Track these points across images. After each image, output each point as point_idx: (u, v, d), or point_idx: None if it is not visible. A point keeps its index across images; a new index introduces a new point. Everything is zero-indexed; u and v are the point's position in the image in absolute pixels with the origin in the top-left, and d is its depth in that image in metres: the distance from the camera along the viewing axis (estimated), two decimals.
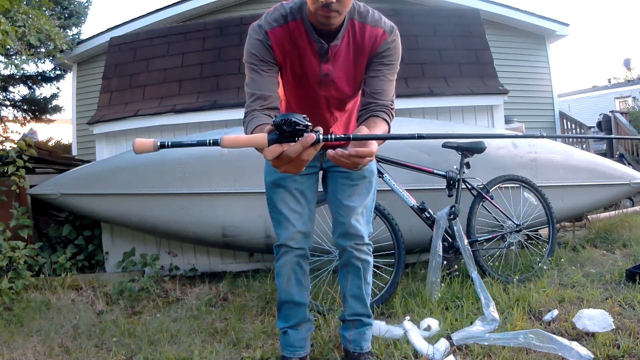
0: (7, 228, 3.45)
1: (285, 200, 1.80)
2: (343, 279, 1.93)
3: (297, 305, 1.86)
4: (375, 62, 1.58)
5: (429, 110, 3.97)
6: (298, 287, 1.85)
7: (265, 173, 1.85)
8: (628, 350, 1.82)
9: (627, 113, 10.16)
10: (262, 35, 1.52)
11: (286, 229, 1.79)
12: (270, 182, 1.82)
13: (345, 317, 1.92)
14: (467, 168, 2.96)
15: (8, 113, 8.99)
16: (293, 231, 1.79)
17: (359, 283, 1.89)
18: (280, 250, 1.82)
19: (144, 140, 1.09)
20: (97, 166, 3.59)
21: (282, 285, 1.84)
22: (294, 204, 1.80)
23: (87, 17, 9.91)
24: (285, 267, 1.82)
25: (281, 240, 1.81)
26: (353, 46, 1.58)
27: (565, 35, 7.79)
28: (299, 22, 1.53)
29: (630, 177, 3.72)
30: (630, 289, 2.51)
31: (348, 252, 1.85)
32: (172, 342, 2.30)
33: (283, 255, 1.82)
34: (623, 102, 16.44)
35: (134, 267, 3.59)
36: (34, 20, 5.06)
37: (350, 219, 1.82)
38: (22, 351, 2.27)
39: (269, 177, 1.82)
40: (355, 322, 1.90)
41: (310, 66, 1.59)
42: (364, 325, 1.91)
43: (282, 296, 1.86)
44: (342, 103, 1.71)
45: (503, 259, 3.14)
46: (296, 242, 1.80)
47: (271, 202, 1.83)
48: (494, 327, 2.12)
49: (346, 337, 1.91)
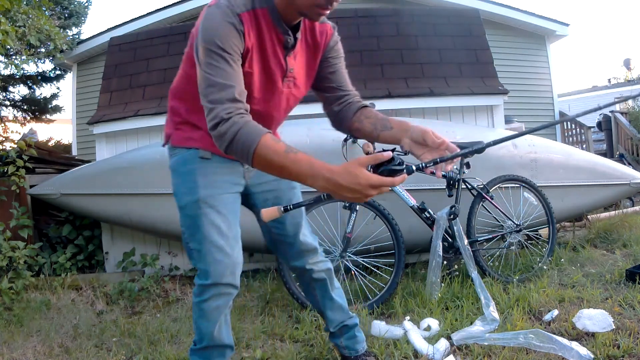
0: (7, 228, 3.45)
1: (215, 223, 1.45)
2: (312, 296, 1.83)
3: (226, 347, 1.60)
4: (330, 57, 1.56)
5: (429, 110, 3.97)
6: (227, 331, 1.60)
7: (183, 191, 1.48)
8: (628, 350, 1.82)
9: (627, 113, 10.15)
10: (235, 18, 1.28)
11: (218, 262, 1.44)
12: (192, 202, 1.45)
13: (330, 329, 1.84)
14: (467, 168, 2.96)
15: (8, 113, 9.00)
16: (228, 263, 1.46)
17: (329, 294, 1.80)
18: (211, 291, 1.46)
19: (270, 210, 1.23)
20: (97, 166, 3.59)
21: (213, 332, 1.53)
22: (226, 227, 1.47)
23: (87, 17, 9.92)
24: (217, 312, 1.50)
25: (213, 279, 1.45)
26: (308, 42, 1.50)
27: (565, 35, 7.79)
28: (265, 10, 1.36)
29: (630, 177, 3.72)
30: (630, 289, 2.51)
31: (308, 270, 1.73)
32: (172, 342, 2.31)
33: (215, 298, 1.48)
34: (623, 102, 16.42)
35: (134, 267, 3.59)
36: (34, 20, 5.06)
37: (298, 237, 1.67)
38: (22, 351, 2.27)
39: (190, 195, 1.46)
40: (342, 329, 1.83)
41: (276, 59, 1.42)
42: (350, 328, 1.84)
43: (209, 342, 1.55)
44: (294, 103, 1.57)
45: (503, 259, 3.14)
46: (233, 278, 1.48)
47: (194, 226, 1.46)
48: (494, 327, 2.12)
49: (339, 345, 1.85)
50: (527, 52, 7.69)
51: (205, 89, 1.26)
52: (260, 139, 1.19)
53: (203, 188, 1.46)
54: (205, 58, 1.26)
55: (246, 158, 1.22)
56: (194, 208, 1.45)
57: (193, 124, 1.51)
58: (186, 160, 1.51)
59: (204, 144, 1.48)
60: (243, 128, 1.21)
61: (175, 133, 1.54)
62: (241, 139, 1.20)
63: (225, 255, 1.46)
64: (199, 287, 1.49)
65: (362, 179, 1.15)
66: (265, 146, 1.19)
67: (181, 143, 1.52)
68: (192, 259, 1.51)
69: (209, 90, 1.25)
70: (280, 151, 1.19)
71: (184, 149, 1.51)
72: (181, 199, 1.49)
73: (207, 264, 1.46)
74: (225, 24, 1.27)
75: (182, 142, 1.52)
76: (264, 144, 1.19)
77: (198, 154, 1.49)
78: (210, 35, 1.26)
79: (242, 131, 1.20)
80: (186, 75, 1.47)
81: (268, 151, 1.19)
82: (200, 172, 1.48)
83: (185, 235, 1.50)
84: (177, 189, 1.51)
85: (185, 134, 1.52)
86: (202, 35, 1.28)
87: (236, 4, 1.30)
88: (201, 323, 1.53)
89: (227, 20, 1.27)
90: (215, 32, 1.26)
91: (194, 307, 1.54)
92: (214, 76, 1.25)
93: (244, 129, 1.21)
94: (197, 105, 1.36)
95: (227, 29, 1.27)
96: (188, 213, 1.47)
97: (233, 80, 1.26)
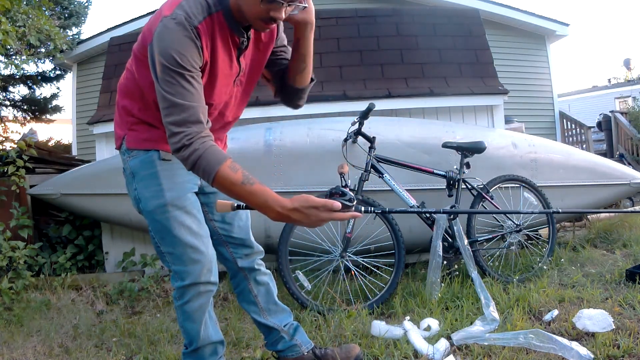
0: (7, 228, 3.45)
1: (186, 224, 1.45)
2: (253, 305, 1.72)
3: (217, 343, 1.63)
4: (278, 47, 1.58)
5: (429, 110, 3.97)
6: (214, 327, 1.62)
7: (148, 195, 1.45)
8: (628, 350, 1.82)
9: (627, 113, 10.15)
10: (193, 31, 1.25)
11: (194, 261, 1.46)
12: (160, 205, 1.44)
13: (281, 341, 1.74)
14: (467, 168, 2.96)
15: (8, 113, 9.00)
16: (205, 262, 1.48)
17: (274, 298, 1.75)
18: (191, 292, 1.48)
19: (224, 202, 1.32)
20: (97, 166, 3.59)
21: (200, 332, 1.55)
22: (197, 227, 1.48)
23: (87, 17, 9.91)
24: (200, 312, 1.52)
25: (191, 279, 1.47)
26: (258, 38, 1.49)
27: (565, 35, 7.79)
28: (220, 14, 1.33)
29: (630, 177, 3.72)
30: (630, 289, 2.51)
31: (255, 271, 1.70)
32: (172, 342, 2.30)
33: (197, 298, 1.49)
34: (623, 102, 16.43)
35: (134, 267, 3.59)
36: (34, 20, 5.05)
37: (248, 236, 1.68)
38: (22, 351, 2.27)
39: (157, 199, 1.44)
40: (290, 328, 1.77)
41: (231, 62, 1.42)
42: (296, 325, 1.79)
43: (198, 343, 1.57)
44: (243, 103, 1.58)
45: (503, 259, 3.14)
46: (212, 275, 1.51)
47: (164, 230, 1.45)
48: (494, 327, 2.12)
49: (293, 345, 1.75)
50: (527, 52, 7.69)
51: (166, 110, 1.26)
52: (218, 169, 1.23)
53: (168, 190, 1.45)
54: (163, 75, 1.24)
55: (207, 182, 1.27)
56: (162, 212, 1.44)
57: (148, 123, 1.46)
58: (146, 163, 1.46)
59: (162, 146, 1.44)
60: (203, 156, 1.24)
61: (129, 134, 1.48)
62: (202, 166, 1.24)
63: (201, 254, 1.48)
64: (178, 290, 1.50)
65: (313, 218, 1.23)
66: (223, 177, 1.24)
67: (138, 145, 1.47)
68: (165, 262, 1.52)
69: (169, 112, 1.25)
70: (237, 182, 1.24)
71: (141, 151, 1.47)
72: (147, 204, 1.46)
73: (183, 265, 1.47)
74: (183, 40, 1.24)
75: (139, 144, 1.47)
76: (222, 175, 1.24)
77: (159, 156, 1.46)
78: (168, 52, 1.23)
79: (202, 160, 1.24)
80: (134, 73, 1.45)
81: (225, 182, 1.25)
82: (163, 174, 1.46)
83: (156, 239, 1.50)
84: (141, 193, 1.47)
85: (141, 134, 1.47)
86: (159, 49, 1.25)
87: (193, 15, 1.27)
88: (187, 325, 1.54)
89: (185, 35, 1.24)
90: (173, 49, 1.23)
91: (178, 311, 1.55)
92: (173, 96, 1.24)
93: (204, 157, 1.24)
94: (148, 103, 1.41)
95: (185, 45, 1.24)
96: (156, 217, 1.46)
97: (194, 99, 1.26)
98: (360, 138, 2.92)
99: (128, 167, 1.51)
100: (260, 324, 1.76)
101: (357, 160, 2.86)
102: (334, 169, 2.69)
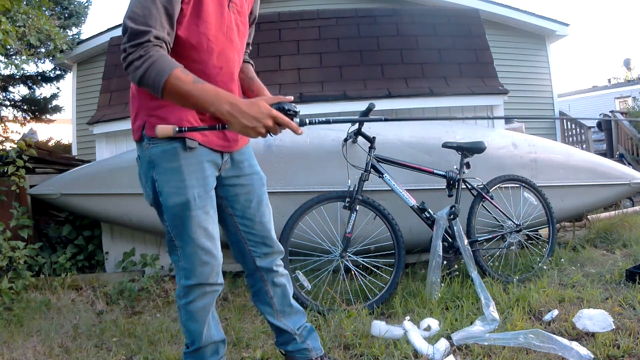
0: (7, 228, 3.45)
1: (203, 225, 1.42)
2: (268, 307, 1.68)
3: (219, 342, 1.60)
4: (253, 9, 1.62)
5: (429, 110, 3.97)
6: (216, 326, 1.59)
7: (170, 191, 1.41)
8: (628, 350, 1.82)
9: (627, 113, 10.15)
10: None
11: (204, 264, 1.44)
12: (181, 203, 1.40)
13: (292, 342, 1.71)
14: (467, 168, 2.96)
15: (8, 113, 9.01)
16: (215, 265, 1.46)
17: (289, 300, 1.70)
18: (196, 292, 1.46)
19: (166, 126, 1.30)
20: (97, 166, 3.59)
21: (203, 333, 1.53)
22: (212, 228, 1.45)
23: (87, 17, 9.93)
24: (204, 312, 1.50)
25: (198, 279, 1.44)
26: None
27: (565, 35, 7.79)
28: None
29: (630, 177, 3.72)
30: (630, 289, 2.51)
31: (273, 272, 1.65)
32: (172, 342, 2.30)
33: (201, 298, 1.47)
34: (623, 102, 16.43)
35: (134, 267, 3.58)
36: (34, 20, 5.05)
37: (270, 234, 1.63)
38: (22, 351, 2.27)
39: (179, 196, 1.40)
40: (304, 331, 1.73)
41: None
42: (310, 328, 1.75)
43: (200, 343, 1.54)
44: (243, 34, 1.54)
45: (503, 259, 3.14)
46: (218, 277, 1.49)
47: (181, 226, 1.42)
48: (494, 327, 2.12)
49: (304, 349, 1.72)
50: (527, 52, 7.69)
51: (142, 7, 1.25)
52: (172, 72, 1.23)
53: (191, 188, 1.41)
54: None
55: (157, 89, 1.24)
56: (182, 209, 1.40)
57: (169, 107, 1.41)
58: (170, 155, 1.40)
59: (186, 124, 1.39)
60: (157, 61, 1.22)
61: (150, 120, 1.41)
62: (153, 72, 1.22)
63: (212, 257, 1.45)
64: (183, 289, 1.46)
65: (263, 108, 1.26)
66: (176, 76, 1.23)
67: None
68: (173, 255, 1.47)
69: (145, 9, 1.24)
70: (189, 81, 1.24)
71: (164, 140, 1.39)
72: (167, 200, 1.41)
73: (192, 265, 1.44)
74: None
75: None
76: (174, 75, 1.23)
77: (183, 147, 1.40)
78: None
79: (155, 64, 1.22)
80: None
81: (178, 81, 1.23)
82: (187, 169, 1.41)
83: (171, 232, 1.46)
84: (161, 186, 1.41)
85: (164, 120, 1.39)
86: None
87: None
88: (190, 325, 1.51)
89: None
90: None
91: (180, 310, 1.51)
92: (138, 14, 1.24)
93: (157, 62, 1.22)
94: None
95: None
96: (175, 213, 1.41)
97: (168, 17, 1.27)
98: (360, 138, 2.92)
99: (147, 155, 1.43)
100: (273, 325, 1.72)
101: (357, 160, 2.86)
102: (334, 169, 2.70)
